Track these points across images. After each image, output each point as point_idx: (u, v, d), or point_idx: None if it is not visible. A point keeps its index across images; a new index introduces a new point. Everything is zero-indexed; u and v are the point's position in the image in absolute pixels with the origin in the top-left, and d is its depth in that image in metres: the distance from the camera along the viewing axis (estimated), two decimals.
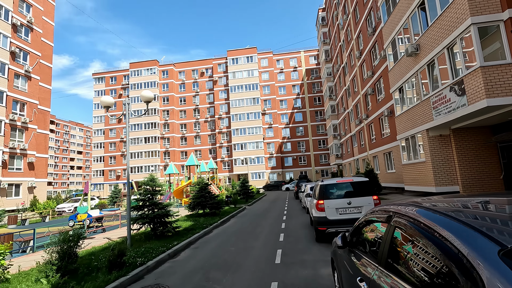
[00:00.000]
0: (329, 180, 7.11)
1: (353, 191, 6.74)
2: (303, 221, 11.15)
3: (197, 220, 12.13)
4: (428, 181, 13.30)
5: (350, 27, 29.10)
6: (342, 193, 6.80)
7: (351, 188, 6.80)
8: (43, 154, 32.75)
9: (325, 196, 6.79)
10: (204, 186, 13.97)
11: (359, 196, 6.62)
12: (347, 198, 6.62)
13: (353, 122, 31.06)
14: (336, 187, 6.87)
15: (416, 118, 13.97)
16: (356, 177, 6.96)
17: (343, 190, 6.83)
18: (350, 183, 6.83)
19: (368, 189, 6.71)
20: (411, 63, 14.05)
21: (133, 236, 8.93)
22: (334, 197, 6.78)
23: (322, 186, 6.94)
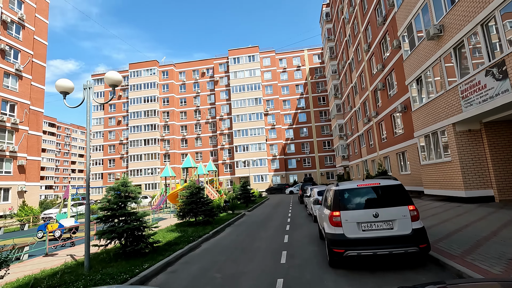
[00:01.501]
0: (347, 184, 5.32)
1: (380, 199, 4.95)
2: (310, 232, 9.34)
3: (186, 230, 10.38)
4: (455, 184, 11.42)
5: (356, 19, 27.34)
6: (366, 201, 5.01)
7: (378, 194, 5.02)
8: (35, 156, 31.33)
9: (342, 206, 5.01)
10: (196, 191, 12.24)
11: (390, 206, 4.83)
12: (372, 209, 4.83)
13: (360, 121, 29.19)
14: (357, 194, 5.08)
15: (439, 112, 12.12)
16: (385, 180, 5.17)
17: (367, 197, 5.04)
18: (377, 187, 5.04)
19: (402, 195, 4.92)
20: (432, 48, 12.23)
21: (97, 255, 7.21)
22: (355, 207, 4.99)
23: (337, 193, 5.15)
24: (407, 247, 4.54)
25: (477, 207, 9.82)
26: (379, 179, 5.27)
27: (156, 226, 7.92)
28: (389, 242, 4.59)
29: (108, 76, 6.39)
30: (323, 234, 6.67)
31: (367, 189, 5.07)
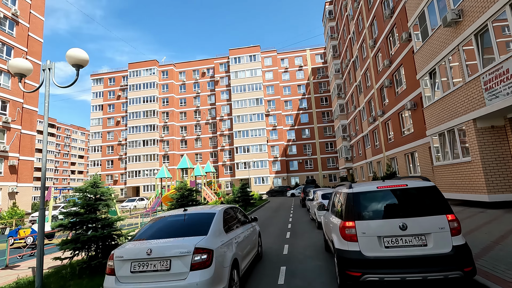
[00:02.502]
0: (362, 186, 4.15)
1: (409, 206, 3.79)
2: (313, 241, 8.16)
3: None
4: (476, 186, 10.20)
5: (361, 15, 26.24)
6: (389, 208, 3.85)
7: (406, 199, 3.85)
8: (29, 156, 30.34)
9: (357, 214, 3.84)
10: (187, 193, 11.09)
11: (422, 215, 3.66)
12: (398, 219, 3.66)
13: (365, 120, 28.00)
14: (377, 198, 3.91)
15: (457, 107, 10.93)
16: (413, 181, 3.99)
17: (391, 203, 3.88)
18: (403, 190, 3.87)
19: (437, 201, 3.75)
20: (449, 36, 11.06)
21: (60, 269, 6.05)
22: (375, 215, 3.82)
23: (351, 197, 3.98)
24: (447, 270, 3.37)
25: (504, 214, 8.60)
26: (407, 180, 4.10)
27: (134, 234, 6.75)
28: (422, 263, 3.42)
29: (70, 54, 5.28)
30: (330, 246, 5.50)
31: (390, 192, 3.90)
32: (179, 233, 4.12)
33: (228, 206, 5.51)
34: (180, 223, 4.50)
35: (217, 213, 4.61)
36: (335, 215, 4.70)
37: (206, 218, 4.47)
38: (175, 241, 3.82)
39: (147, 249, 3.59)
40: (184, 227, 4.32)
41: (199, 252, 3.56)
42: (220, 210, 4.83)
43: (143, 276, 3.53)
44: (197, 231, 4.07)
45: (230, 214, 5.23)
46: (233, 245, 4.45)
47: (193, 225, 4.33)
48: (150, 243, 3.83)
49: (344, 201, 4.10)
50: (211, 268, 3.54)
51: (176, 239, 3.91)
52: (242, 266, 4.66)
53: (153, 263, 3.55)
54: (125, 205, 31.11)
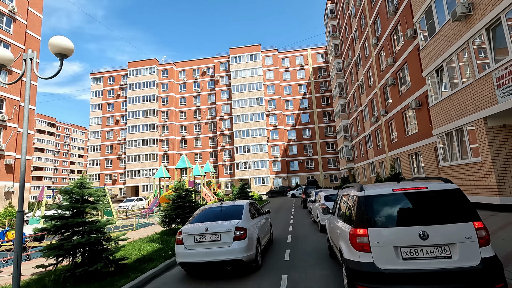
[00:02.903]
0: (375, 188, 3.69)
1: (430, 211, 3.33)
2: (316, 246, 7.70)
3: (168, 241, 8.77)
4: (486, 188, 9.73)
5: (364, 12, 25.78)
6: (407, 214, 3.39)
7: (426, 204, 3.39)
8: (26, 156, 29.88)
9: (370, 221, 3.38)
10: (184, 194, 10.63)
11: (445, 222, 3.20)
12: (418, 226, 3.20)
13: (367, 120, 27.54)
14: (393, 202, 3.45)
15: (466, 105, 10.47)
16: (433, 183, 3.53)
17: (409, 208, 3.42)
18: (423, 193, 3.41)
19: (462, 206, 3.29)
20: (458, 31, 10.60)
21: (43, 277, 5.60)
22: (390, 222, 3.37)
23: (363, 200, 3.52)
24: (475, 287, 2.91)
25: None
26: (426, 182, 3.63)
27: (124, 238, 6.30)
28: (446, 278, 2.97)
29: (53, 43, 4.83)
30: (335, 253, 5.05)
31: (407, 195, 3.43)
32: (221, 218, 5.96)
33: (250, 201, 7.39)
34: (219, 211, 6.34)
35: (245, 205, 6.58)
36: (342, 220, 4.23)
37: (238, 208, 6.44)
38: (223, 223, 5.71)
39: (205, 227, 5.56)
40: (223, 214, 6.15)
41: (238, 230, 5.51)
42: (246, 203, 6.78)
43: (202, 244, 5.47)
44: (234, 216, 5.98)
45: (252, 206, 7.21)
46: (256, 227, 6.42)
47: (229, 213, 6.19)
48: (205, 224, 5.75)
49: (355, 205, 3.64)
50: (246, 240, 5.48)
51: (222, 221, 5.77)
52: (262, 242, 6.62)
53: (209, 236, 5.50)
54: (123, 205, 30.66)
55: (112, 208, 15.02)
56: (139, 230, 12.45)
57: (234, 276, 5.55)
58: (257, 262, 5.84)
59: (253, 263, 5.71)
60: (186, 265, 5.53)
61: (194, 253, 5.40)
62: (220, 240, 5.43)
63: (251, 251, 5.57)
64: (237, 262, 5.35)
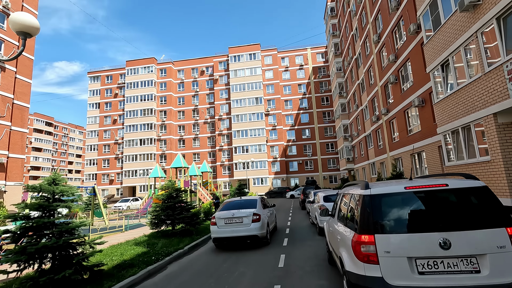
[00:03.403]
0: (384, 186, 3.08)
1: (452, 214, 2.72)
2: (314, 251, 7.09)
3: (155, 244, 8.15)
4: (497, 189, 9.12)
5: (365, 9, 25.24)
6: (424, 218, 2.77)
7: (447, 205, 2.78)
8: (19, 154, 29.27)
9: (377, 225, 2.78)
10: (174, 193, 10.01)
11: (471, 227, 2.59)
12: (438, 233, 2.60)
13: (368, 120, 26.95)
14: (406, 203, 2.85)
15: (474, 100, 9.87)
16: (454, 180, 2.92)
17: (425, 210, 2.80)
18: (443, 192, 2.80)
19: (491, 207, 2.68)
20: (465, 22, 10.02)
21: (8, 285, 4.98)
22: (402, 227, 2.76)
23: (368, 200, 2.91)
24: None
25: None
26: (444, 178, 3.02)
27: (101, 241, 5.68)
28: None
29: (15, 19, 4.22)
30: (335, 260, 4.43)
31: (424, 194, 2.82)
32: (242, 207, 8.34)
33: (261, 196, 9.98)
34: (240, 202, 8.77)
35: (258, 199, 8.97)
36: (343, 224, 3.63)
37: (253, 200, 8.83)
38: (244, 210, 8.10)
39: (231, 213, 7.97)
40: (243, 204, 8.58)
41: (255, 215, 7.87)
42: (259, 197, 9.19)
43: (230, 224, 7.83)
44: (251, 206, 8.37)
45: (262, 200, 9.41)
46: (266, 214, 8.81)
47: (247, 204, 8.60)
48: (231, 211, 8.10)
49: (358, 207, 3.03)
50: (260, 222, 7.90)
51: (244, 209, 8.15)
52: (270, 226, 9.12)
53: (234, 219, 7.85)
54: (118, 205, 30.04)
55: (102, 209, 14.40)
56: (128, 232, 11.83)
57: (251, 248, 8.06)
58: (267, 239, 8.44)
59: (265, 239, 8.30)
60: (218, 239, 8.02)
61: (224, 231, 7.91)
62: (242, 222, 7.93)
63: (264, 230, 8.17)
64: (254, 237, 7.94)
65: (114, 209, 28.48)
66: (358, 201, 3.13)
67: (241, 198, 9.12)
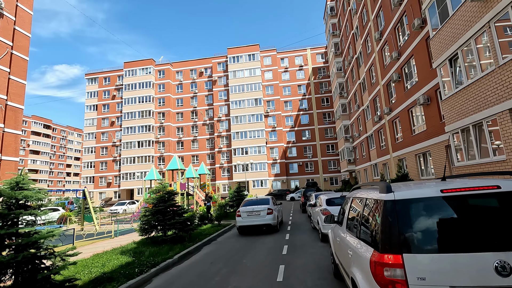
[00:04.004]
0: (411, 189, 2.38)
1: (509, 227, 2.01)
2: (317, 260, 6.39)
3: (142, 253, 7.44)
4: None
5: (366, 7, 24.67)
6: (470, 232, 2.07)
7: (500, 215, 2.09)
8: (12, 157, 28.55)
9: (406, 242, 2.08)
10: (166, 197, 9.31)
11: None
12: (490, 253, 1.89)
13: (369, 120, 26.29)
14: (443, 211, 2.16)
15: (487, 95, 9.20)
16: (505, 180, 2.23)
17: (471, 222, 2.11)
18: (493, 196, 2.12)
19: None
20: (476, 12, 9.37)
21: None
22: (441, 245, 2.05)
23: (391, 208, 2.22)
24: None
25: None
26: (490, 179, 2.33)
27: (75, 253, 4.98)
28: None
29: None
30: (342, 274, 3.74)
31: (469, 200, 2.14)
32: (259, 204, 11.33)
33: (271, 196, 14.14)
34: (257, 201, 11.85)
35: (270, 198, 11.96)
36: (356, 236, 2.93)
37: (267, 199, 11.84)
38: (260, 206, 11.13)
39: (252, 208, 11.11)
40: (259, 202, 11.54)
41: (269, 209, 11.05)
42: (270, 197, 12.17)
43: (250, 216, 10.97)
44: (265, 203, 11.37)
45: (273, 199, 12.36)
46: (276, 209, 11.88)
47: (262, 201, 11.57)
48: (251, 206, 11.22)
49: (377, 215, 2.35)
50: (272, 215, 10.98)
51: (261, 205, 11.18)
52: (278, 219, 12.07)
53: (254, 212, 11.00)
54: (114, 208, 29.31)
55: (92, 213, 13.69)
56: (118, 238, 11.11)
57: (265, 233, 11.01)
58: (277, 227, 11.66)
59: (276, 228, 11.46)
60: (242, 227, 11.13)
61: (247, 221, 10.98)
62: (260, 214, 10.96)
63: (275, 221, 11.19)
64: (268, 225, 11.05)
65: (110, 213, 27.76)
66: (375, 208, 2.45)
67: (257, 198, 12.38)
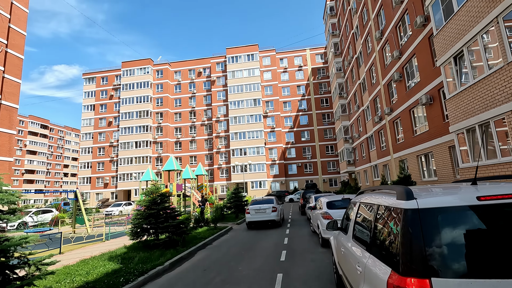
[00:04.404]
0: (437, 195, 1.96)
1: None
2: (318, 269, 5.96)
3: (132, 258, 6.99)
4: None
5: (366, 6, 24.33)
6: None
7: None
8: (6, 157, 28.03)
9: (436, 263, 1.64)
10: (159, 199, 8.87)
11: None
12: None
13: (369, 120, 25.92)
14: (483, 223, 1.74)
15: (494, 94, 8.81)
16: None
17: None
18: None
19: None
20: (483, 7, 8.99)
21: None
22: (480, 268, 1.63)
23: (414, 218, 1.78)
24: None
25: None
26: None
27: (52, 261, 4.53)
28: None
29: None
30: (344, 285, 3.31)
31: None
32: (265, 203, 13.60)
33: (275, 196, 16.49)
34: (263, 200, 14.12)
35: (274, 198, 14.33)
36: (366, 249, 2.50)
37: (271, 199, 14.14)
38: (266, 205, 13.43)
39: (259, 206, 13.49)
40: (265, 201, 13.81)
41: (273, 207, 13.36)
42: (274, 197, 14.59)
43: (258, 213, 13.31)
44: (270, 202, 13.63)
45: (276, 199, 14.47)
46: (279, 208, 14.27)
47: (268, 201, 13.79)
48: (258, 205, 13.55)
49: (397, 227, 1.92)
50: (276, 212, 13.34)
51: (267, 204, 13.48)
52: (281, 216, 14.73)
53: (261, 210, 13.35)
54: (110, 210, 28.80)
55: (84, 215, 13.22)
56: (110, 241, 10.65)
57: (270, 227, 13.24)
58: (280, 223, 14.02)
59: (279, 223, 13.71)
60: (250, 223, 13.30)
61: (255, 217, 13.14)
62: (266, 212, 13.09)
63: (278, 217, 13.46)
64: (273, 221, 13.15)
65: (105, 214, 27.24)
66: (392, 217, 2.03)
67: (262, 198, 14.91)
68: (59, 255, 8.43)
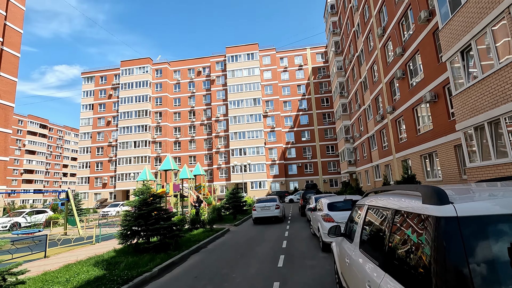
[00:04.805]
0: (482, 200, 1.50)
1: None
2: (319, 277, 5.49)
3: (118, 264, 6.50)
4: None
5: (368, 3, 23.85)
6: None
7: None
8: (1, 156, 27.58)
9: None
10: (151, 200, 8.38)
11: None
12: None
13: (371, 120, 25.42)
14: None
15: (505, 89, 8.32)
16: None
17: None
18: None
19: None
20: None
21: None
22: None
23: (452, 230, 1.30)
24: None
25: None
26: None
27: (22, 270, 4.05)
28: None
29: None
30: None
31: None
32: (268, 201, 16.00)
33: (278, 196, 23.71)
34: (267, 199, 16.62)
35: (277, 197, 16.77)
36: (376, 263, 2.02)
37: (274, 198, 16.47)
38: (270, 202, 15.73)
39: (264, 204, 15.63)
40: (269, 200, 16.29)
41: (276, 205, 15.55)
42: (277, 196, 19.91)
43: (263, 210, 15.37)
44: (274, 201, 15.95)
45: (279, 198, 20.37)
46: (282, 205, 16.58)
47: (271, 199, 16.20)
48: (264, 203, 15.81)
49: (425, 240, 1.44)
50: (279, 209, 15.52)
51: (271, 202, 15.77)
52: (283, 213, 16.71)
53: (266, 207, 15.48)
54: (106, 210, 28.32)
55: (76, 216, 12.74)
56: (100, 244, 10.16)
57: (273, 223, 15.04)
58: (283, 219, 16.15)
59: (282, 218, 15.80)
60: (257, 218, 15.28)
61: (260, 213, 15.10)
62: (270, 209, 15.14)
63: (281, 214, 15.69)
64: (276, 217, 15.29)
65: (102, 215, 26.77)
66: (416, 226, 1.55)
67: (267, 197, 17.06)
68: (43, 259, 7.95)
